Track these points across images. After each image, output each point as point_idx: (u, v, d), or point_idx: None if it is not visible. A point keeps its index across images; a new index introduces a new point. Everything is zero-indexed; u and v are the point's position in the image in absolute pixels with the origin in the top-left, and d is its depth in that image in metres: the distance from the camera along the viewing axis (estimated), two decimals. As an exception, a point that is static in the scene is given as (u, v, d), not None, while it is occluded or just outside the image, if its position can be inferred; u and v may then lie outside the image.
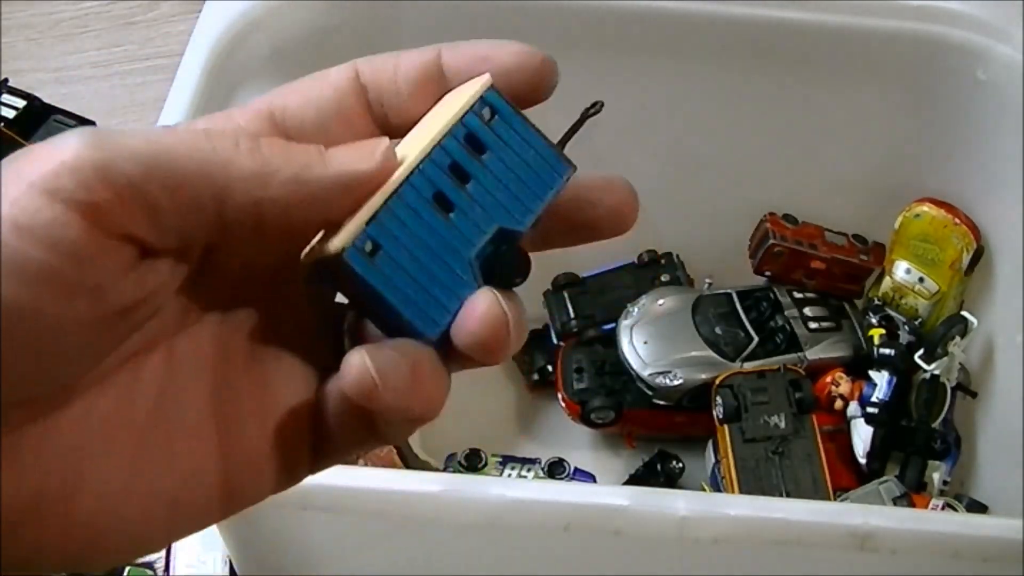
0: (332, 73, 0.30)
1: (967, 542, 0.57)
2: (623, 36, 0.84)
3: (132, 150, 0.25)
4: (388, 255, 0.27)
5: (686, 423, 0.88)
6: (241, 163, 0.26)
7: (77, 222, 0.24)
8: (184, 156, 0.25)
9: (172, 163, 0.25)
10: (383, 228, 0.27)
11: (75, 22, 1.22)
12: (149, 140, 0.25)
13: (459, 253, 0.28)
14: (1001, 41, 0.79)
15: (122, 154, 0.25)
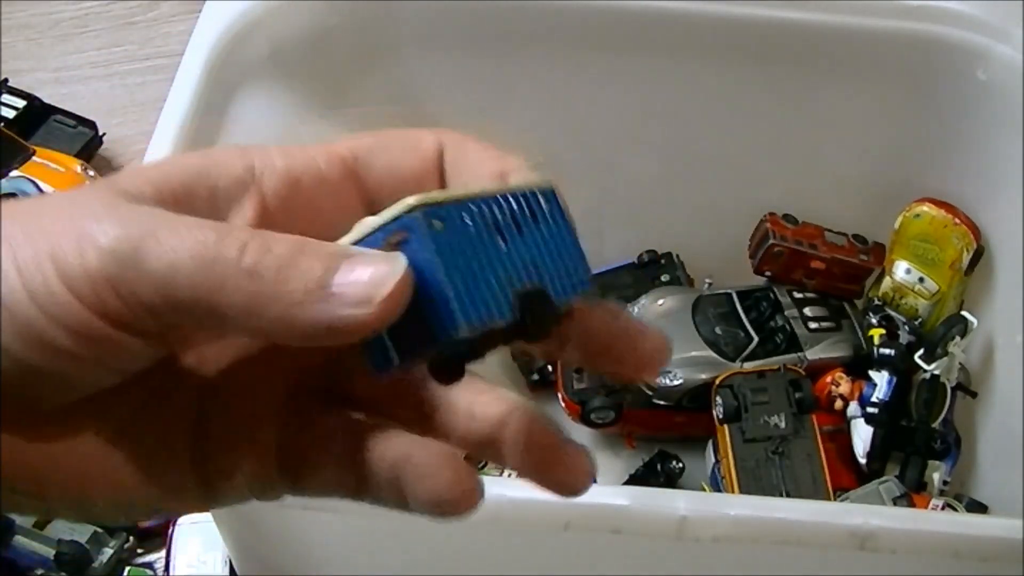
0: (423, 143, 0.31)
1: (967, 542, 0.57)
2: (623, 36, 0.84)
3: (147, 272, 0.26)
4: (450, 238, 0.27)
5: (686, 423, 0.88)
6: (238, 291, 0.26)
7: (94, 319, 0.26)
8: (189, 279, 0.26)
9: (179, 287, 0.26)
10: (451, 215, 0.27)
11: (75, 22, 1.22)
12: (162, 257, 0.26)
13: (506, 279, 0.28)
14: (1001, 41, 0.79)
15: (137, 274, 0.26)
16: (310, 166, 0.30)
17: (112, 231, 0.26)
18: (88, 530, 0.81)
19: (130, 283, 0.26)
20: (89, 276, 0.26)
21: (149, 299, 0.26)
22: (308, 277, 0.26)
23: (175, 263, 0.26)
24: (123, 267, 0.26)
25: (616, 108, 0.88)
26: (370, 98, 0.85)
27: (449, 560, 0.68)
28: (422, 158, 0.31)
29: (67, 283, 0.26)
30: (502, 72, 0.86)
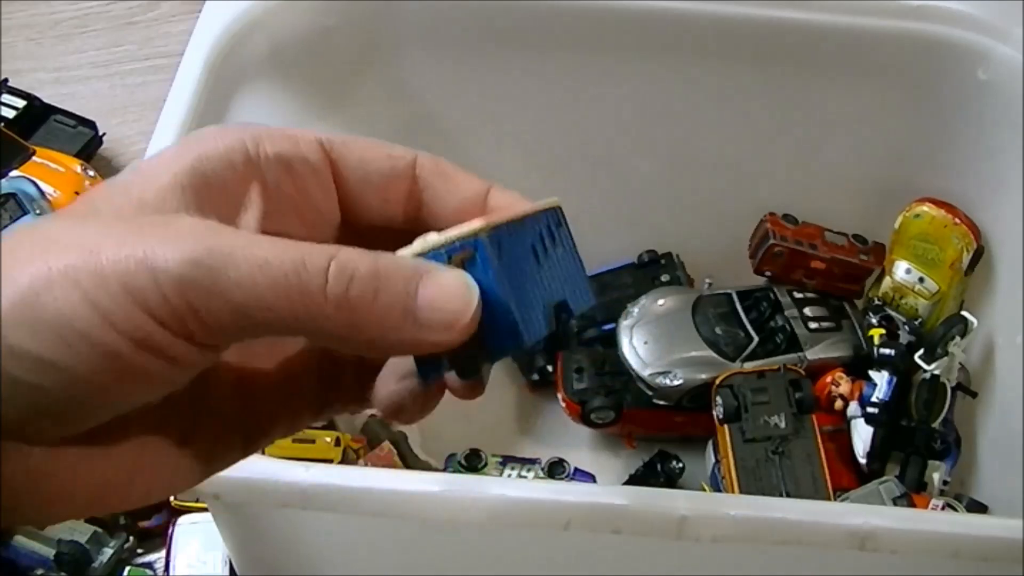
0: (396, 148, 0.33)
1: (967, 542, 0.57)
2: (623, 36, 0.84)
3: (226, 297, 0.27)
4: (507, 260, 0.29)
5: (686, 423, 0.88)
6: (327, 315, 0.27)
7: (176, 341, 0.27)
8: (272, 305, 0.27)
9: (261, 312, 0.27)
10: (503, 238, 0.29)
11: (75, 22, 1.22)
12: (242, 284, 0.27)
13: (544, 295, 0.30)
14: (1001, 41, 0.79)
15: (217, 300, 0.27)
16: (297, 152, 0.32)
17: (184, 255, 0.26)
18: (88, 530, 0.81)
19: (212, 311, 0.27)
20: (170, 306, 0.26)
21: (228, 322, 0.27)
22: (394, 303, 0.28)
23: (256, 292, 0.27)
24: (203, 296, 0.27)
25: (616, 108, 0.88)
26: (370, 98, 0.85)
27: (449, 560, 0.68)
28: (392, 157, 0.32)
29: (146, 308, 0.26)
30: (502, 72, 0.86)
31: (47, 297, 0.26)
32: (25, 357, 0.26)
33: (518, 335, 0.29)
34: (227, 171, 0.31)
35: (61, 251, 0.27)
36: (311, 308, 0.27)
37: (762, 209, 0.91)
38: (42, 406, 0.27)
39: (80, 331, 0.26)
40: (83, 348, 0.26)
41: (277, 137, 0.32)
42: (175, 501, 0.83)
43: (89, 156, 1.08)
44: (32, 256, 0.27)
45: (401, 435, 0.83)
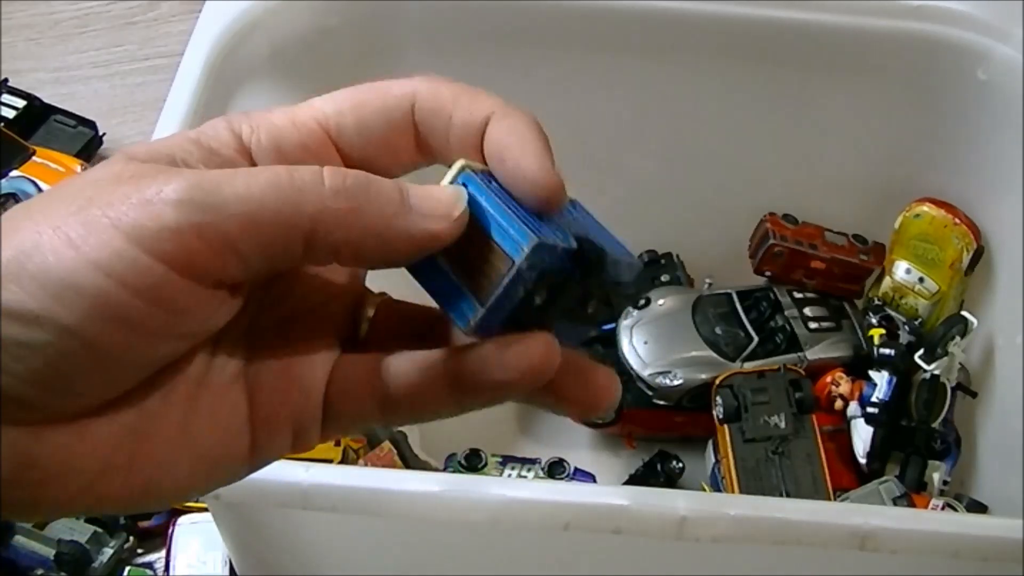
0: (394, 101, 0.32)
1: (967, 542, 0.57)
2: (623, 36, 0.84)
3: (229, 211, 0.26)
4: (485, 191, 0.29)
5: (686, 423, 0.88)
6: (328, 207, 0.27)
7: (178, 280, 0.26)
8: (274, 205, 0.26)
9: (265, 217, 0.26)
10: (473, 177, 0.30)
11: (75, 22, 1.22)
12: (242, 195, 0.26)
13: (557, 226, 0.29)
14: (1001, 41, 0.79)
15: (219, 214, 0.26)
16: (288, 131, 0.31)
17: (178, 186, 0.26)
18: (88, 530, 0.81)
19: (215, 225, 0.26)
20: (171, 230, 0.26)
21: (236, 238, 0.26)
22: (390, 195, 0.28)
23: (257, 198, 0.26)
24: (204, 212, 0.26)
25: (616, 108, 0.88)
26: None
27: (449, 560, 0.68)
28: (389, 121, 0.31)
29: (143, 245, 0.25)
30: (502, 72, 0.86)
31: (33, 249, 0.25)
32: (12, 312, 0.25)
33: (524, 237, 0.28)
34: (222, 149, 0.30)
35: (49, 207, 0.26)
36: (311, 200, 0.27)
37: (762, 209, 0.91)
38: (38, 372, 0.26)
39: (65, 279, 0.25)
40: (67, 295, 0.25)
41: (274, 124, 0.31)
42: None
43: (89, 156, 1.08)
44: (25, 222, 0.26)
45: (401, 435, 0.83)
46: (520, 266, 0.28)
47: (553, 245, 0.29)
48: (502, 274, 0.28)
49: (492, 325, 0.29)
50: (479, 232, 0.29)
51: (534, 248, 0.28)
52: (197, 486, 0.30)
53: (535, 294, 0.29)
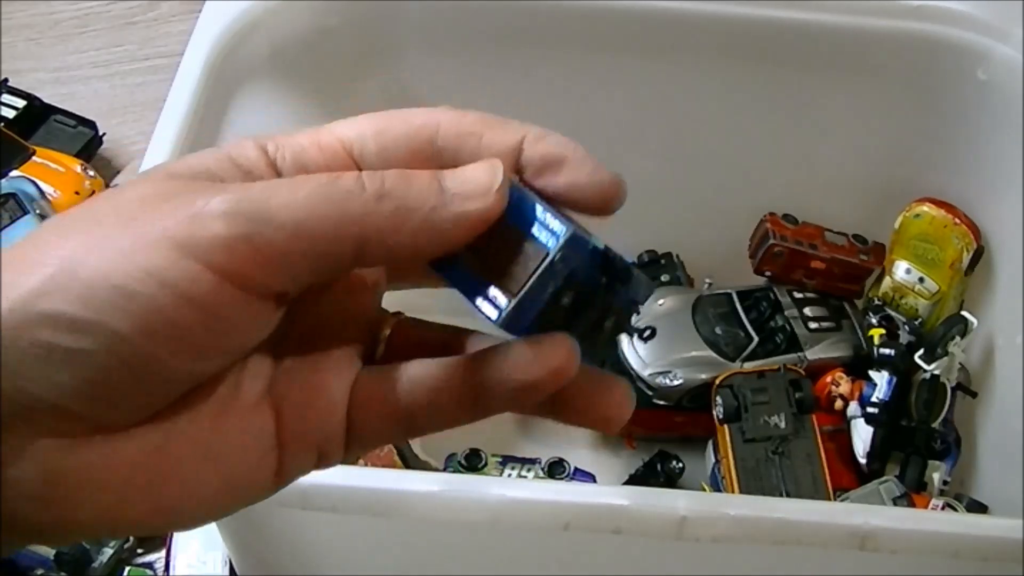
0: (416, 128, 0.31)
1: (967, 542, 0.57)
2: (623, 36, 0.84)
3: (279, 220, 0.26)
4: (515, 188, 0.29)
5: (686, 423, 0.88)
6: (375, 213, 0.27)
7: (229, 290, 0.26)
8: (321, 214, 0.27)
9: (314, 226, 0.27)
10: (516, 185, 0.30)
11: (75, 22, 1.22)
12: (289, 205, 0.27)
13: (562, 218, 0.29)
14: (1001, 41, 0.79)
15: (269, 225, 0.26)
16: (313, 151, 0.31)
17: (226, 198, 0.26)
18: (88, 530, 0.81)
19: (267, 237, 0.26)
20: (223, 241, 0.26)
21: (287, 247, 0.26)
22: (428, 187, 0.28)
23: (304, 207, 0.26)
24: (256, 224, 0.26)
25: (616, 108, 0.88)
26: (370, 98, 0.85)
27: (449, 560, 0.68)
28: (411, 146, 0.31)
29: (195, 255, 0.26)
30: (502, 72, 0.86)
31: (83, 258, 0.26)
32: (60, 319, 0.25)
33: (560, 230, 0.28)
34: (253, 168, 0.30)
35: (98, 223, 0.27)
36: (356, 205, 0.27)
37: (762, 209, 0.91)
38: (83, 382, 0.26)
39: (116, 285, 0.25)
40: (120, 302, 0.25)
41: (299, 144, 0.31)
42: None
43: (89, 156, 1.08)
44: (71, 232, 0.26)
45: (401, 435, 0.83)
46: (554, 256, 0.28)
47: (585, 240, 0.29)
48: (535, 265, 0.28)
49: (522, 321, 0.29)
50: (509, 227, 0.29)
51: (568, 239, 0.28)
52: (222, 508, 0.30)
53: (563, 294, 0.29)
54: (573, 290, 0.29)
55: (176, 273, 0.26)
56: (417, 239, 0.28)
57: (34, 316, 0.25)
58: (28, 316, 0.25)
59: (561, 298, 0.29)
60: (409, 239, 0.28)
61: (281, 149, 0.31)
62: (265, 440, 0.30)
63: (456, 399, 0.30)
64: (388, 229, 0.27)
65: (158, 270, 0.25)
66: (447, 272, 0.30)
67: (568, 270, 0.28)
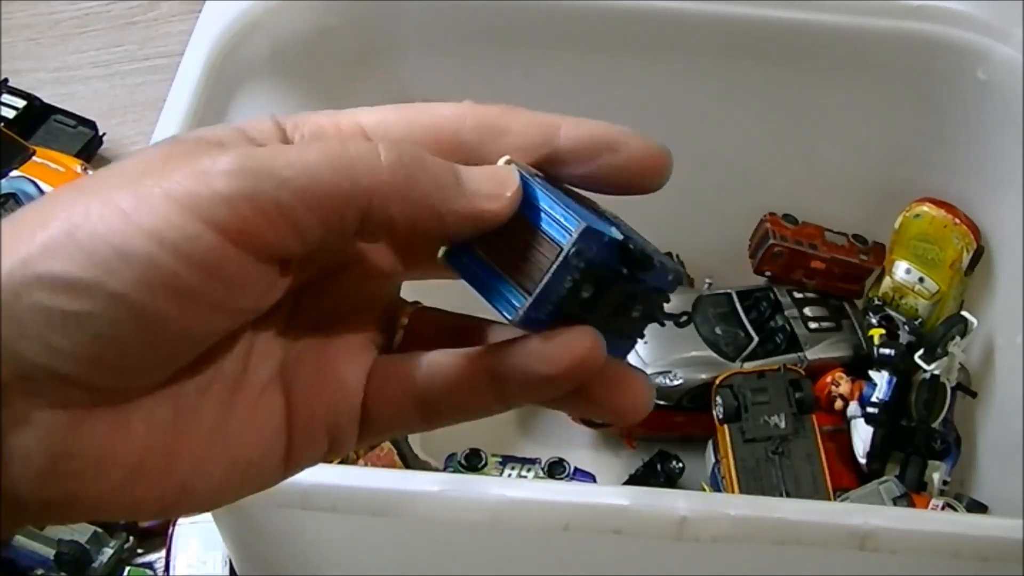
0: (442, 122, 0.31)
1: (967, 542, 0.57)
2: (623, 36, 0.84)
3: (283, 177, 0.26)
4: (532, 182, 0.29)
5: (686, 423, 0.88)
6: (384, 177, 0.27)
7: (231, 250, 0.25)
8: (328, 175, 0.26)
9: (320, 185, 0.26)
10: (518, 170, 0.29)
11: (75, 22, 1.22)
12: (294, 164, 0.26)
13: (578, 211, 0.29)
14: (1001, 41, 0.79)
15: (273, 182, 0.26)
16: (332, 132, 0.30)
17: (231, 157, 0.26)
18: (88, 530, 0.81)
19: (269, 194, 0.26)
20: (225, 198, 0.25)
21: (290, 207, 0.26)
22: (444, 172, 0.28)
23: (311, 166, 0.26)
24: (260, 181, 0.25)
25: (616, 108, 0.88)
26: (370, 98, 0.85)
27: (449, 560, 0.68)
28: (437, 139, 0.30)
29: (197, 213, 0.25)
30: (502, 72, 0.86)
31: (82, 220, 0.25)
32: (57, 281, 0.25)
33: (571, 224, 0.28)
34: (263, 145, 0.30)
35: (102, 182, 0.26)
36: (367, 173, 0.26)
37: (762, 209, 0.91)
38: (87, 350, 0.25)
39: (115, 246, 0.25)
40: (119, 265, 0.25)
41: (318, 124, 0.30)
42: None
43: (89, 156, 1.08)
44: (75, 195, 0.26)
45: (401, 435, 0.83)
46: (568, 252, 0.28)
47: (600, 232, 0.28)
48: (549, 261, 0.28)
49: (538, 317, 0.28)
50: (524, 222, 0.29)
51: (582, 233, 0.27)
52: (230, 491, 0.29)
53: (581, 287, 0.28)
54: (592, 283, 0.28)
55: (176, 232, 0.25)
56: (421, 218, 0.27)
57: (32, 279, 0.25)
58: (26, 279, 0.25)
59: (579, 292, 0.28)
60: (413, 216, 0.27)
61: (299, 127, 0.30)
62: (274, 422, 0.30)
63: (476, 390, 0.29)
64: (394, 202, 0.27)
65: (157, 229, 0.25)
66: (460, 266, 0.29)
67: (584, 263, 0.28)
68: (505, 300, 0.28)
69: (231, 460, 0.29)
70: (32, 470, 0.26)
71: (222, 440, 0.29)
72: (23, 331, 0.25)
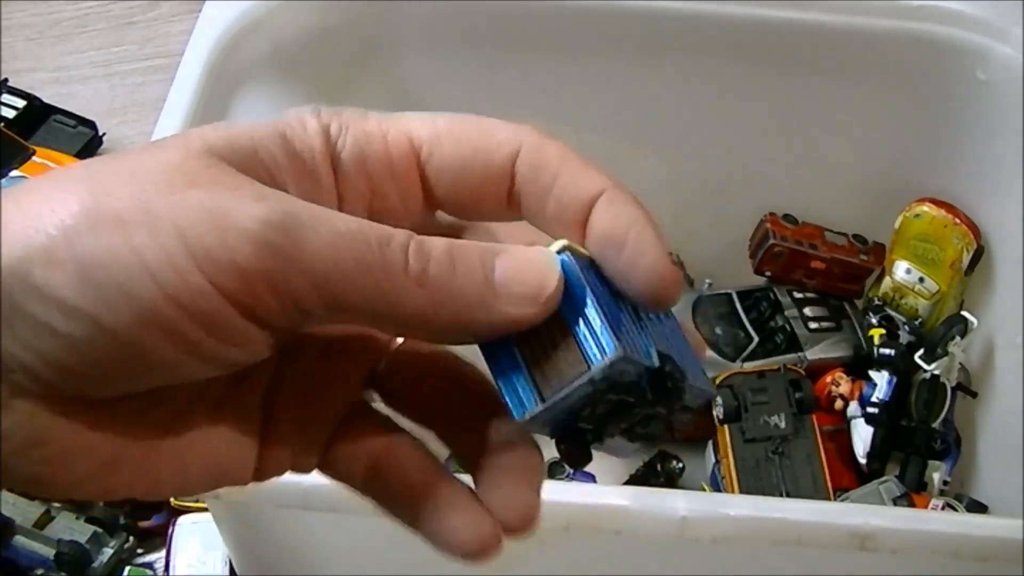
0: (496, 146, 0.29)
1: (967, 542, 0.57)
2: (624, 36, 0.84)
3: (307, 267, 0.24)
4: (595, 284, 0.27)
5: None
6: (409, 300, 0.26)
7: (230, 313, 0.25)
8: (354, 277, 0.25)
9: (341, 284, 0.25)
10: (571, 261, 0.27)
11: (75, 22, 1.22)
12: (324, 254, 0.25)
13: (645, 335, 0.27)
14: (1001, 41, 0.79)
15: (296, 269, 0.24)
16: (378, 143, 0.29)
17: (262, 219, 0.24)
18: (88, 530, 0.80)
19: (289, 280, 0.24)
20: (240, 269, 0.24)
21: (305, 296, 0.25)
22: (474, 279, 0.26)
23: (338, 264, 0.25)
24: (282, 263, 0.24)
25: (616, 108, 0.88)
26: (370, 99, 0.85)
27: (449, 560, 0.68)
28: (487, 165, 0.29)
29: (206, 272, 0.24)
30: (502, 72, 0.86)
31: (89, 237, 0.24)
32: (54, 300, 0.24)
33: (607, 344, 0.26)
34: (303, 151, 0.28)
35: (112, 191, 0.25)
36: (394, 285, 0.25)
37: (762, 209, 0.91)
38: (66, 363, 0.24)
39: (119, 282, 0.24)
40: (119, 303, 0.24)
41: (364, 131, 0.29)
42: (175, 501, 0.83)
43: (89, 156, 1.07)
44: (81, 193, 0.24)
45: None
46: (594, 375, 0.26)
47: (636, 361, 0.26)
48: (573, 376, 0.26)
49: (544, 422, 0.27)
50: (563, 323, 0.27)
51: (615, 361, 0.26)
52: (200, 489, 0.30)
53: (598, 405, 0.27)
54: (611, 403, 0.27)
55: (182, 285, 0.24)
56: (440, 331, 0.27)
57: (28, 287, 0.24)
58: (23, 284, 0.24)
59: (595, 409, 0.27)
60: (432, 329, 0.26)
61: (344, 133, 0.29)
62: (251, 440, 0.30)
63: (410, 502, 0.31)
64: (417, 317, 0.26)
65: (165, 278, 0.24)
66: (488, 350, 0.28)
67: (607, 385, 0.26)
68: (517, 398, 0.27)
69: (207, 464, 0.29)
70: (7, 448, 0.25)
71: (200, 449, 0.28)
72: (9, 326, 0.24)
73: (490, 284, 0.26)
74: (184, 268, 0.24)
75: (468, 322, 0.26)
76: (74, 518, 0.81)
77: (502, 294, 0.26)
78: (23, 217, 0.25)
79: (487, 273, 0.27)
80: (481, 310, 0.26)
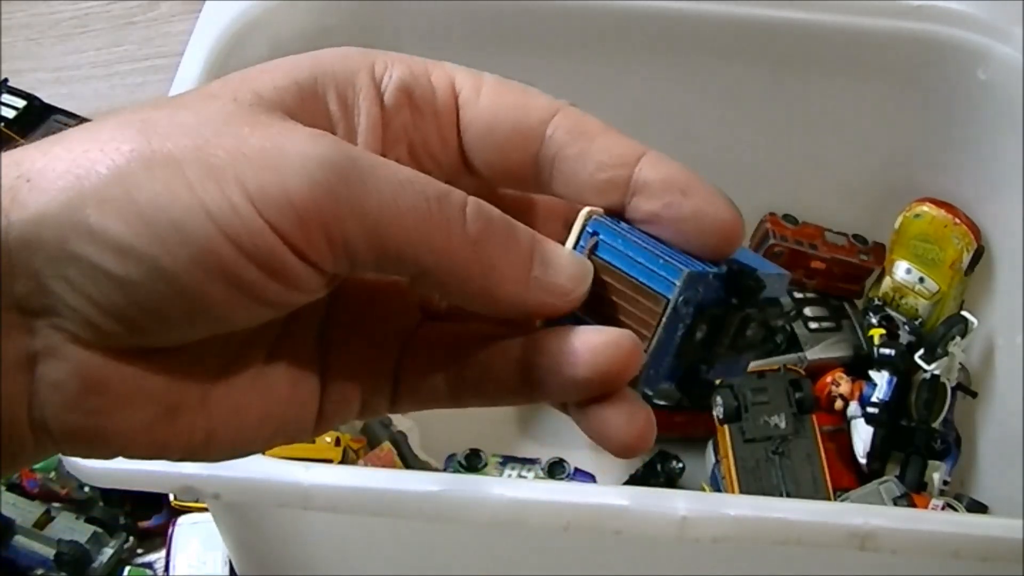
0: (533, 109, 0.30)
1: (967, 542, 0.57)
2: (624, 36, 0.84)
3: (363, 213, 0.24)
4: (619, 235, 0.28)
5: (686, 423, 0.88)
6: (459, 253, 0.26)
7: (285, 253, 0.24)
8: (411, 226, 0.25)
9: (395, 235, 0.25)
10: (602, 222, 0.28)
11: (75, 22, 1.22)
12: (383, 202, 0.24)
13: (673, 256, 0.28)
14: (1001, 41, 0.79)
15: (351, 212, 0.24)
16: (423, 80, 0.29)
17: (317, 156, 0.24)
18: (88, 530, 0.81)
19: (343, 224, 0.24)
20: (297, 211, 0.24)
21: (356, 243, 0.25)
22: (521, 256, 0.27)
23: (396, 213, 0.25)
24: (339, 205, 0.24)
25: (616, 108, 0.88)
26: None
27: (449, 560, 0.68)
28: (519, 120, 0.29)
29: (264, 212, 0.24)
30: (502, 72, 0.86)
31: (144, 177, 0.23)
32: (109, 241, 0.23)
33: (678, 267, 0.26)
34: (347, 89, 0.28)
35: (166, 133, 0.24)
36: (449, 242, 0.25)
37: (762, 209, 0.91)
38: (121, 308, 0.24)
39: (175, 221, 0.23)
40: (175, 242, 0.23)
41: (410, 70, 0.29)
42: (175, 501, 0.83)
43: (89, 156, 1.08)
44: (132, 136, 0.24)
45: (401, 435, 0.83)
46: (676, 302, 0.26)
47: (704, 273, 0.27)
48: (657, 315, 0.27)
49: (659, 373, 0.27)
50: (622, 278, 0.27)
51: (686, 281, 0.26)
52: (259, 444, 0.29)
53: (695, 330, 0.27)
54: (705, 322, 0.27)
55: (239, 222, 0.24)
56: (475, 298, 0.27)
57: (83, 229, 0.23)
58: (76, 226, 0.23)
59: (694, 336, 0.27)
60: (470, 293, 0.26)
61: (390, 67, 0.29)
62: (311, 381, 0.29)
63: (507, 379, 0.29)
64: (457, 276, 0.26)
65: (222, 216, 0.23)
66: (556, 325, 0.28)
67: (693, 309, 0.27)
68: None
69: (265, 413, 0.28)
70: (60, 400, 0.25)
71: (260, 390, 0.28)
72: (61, 272, 0.24)
73: (533, 265, 0.27)
74: (240, 206, 0.24)
75: (502, 295, 0.27)
76: (74, 518, 0.81)
77: (540, 278, 0.27)
78: (73, 159, 0.24)
79: (534, 252, 0.27)
80: (520, 286, 0.27)
